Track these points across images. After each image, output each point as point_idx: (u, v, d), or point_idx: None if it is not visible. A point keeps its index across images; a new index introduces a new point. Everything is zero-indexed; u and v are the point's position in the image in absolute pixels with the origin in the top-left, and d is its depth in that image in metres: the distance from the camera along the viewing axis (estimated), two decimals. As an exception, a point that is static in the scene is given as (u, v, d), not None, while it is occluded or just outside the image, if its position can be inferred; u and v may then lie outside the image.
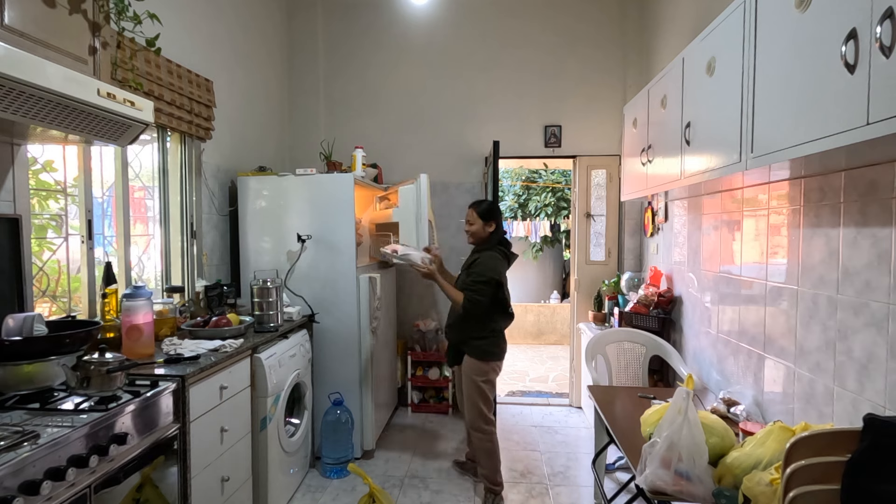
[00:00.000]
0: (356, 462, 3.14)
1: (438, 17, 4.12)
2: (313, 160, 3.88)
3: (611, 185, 4.08)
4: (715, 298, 2.57)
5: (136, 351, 1.95)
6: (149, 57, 2.33)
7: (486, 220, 2.66)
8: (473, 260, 2.67)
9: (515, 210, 8.26)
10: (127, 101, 1.62)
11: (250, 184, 3.15)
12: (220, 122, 3.06)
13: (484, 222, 2.66)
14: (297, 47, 4.15)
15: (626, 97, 3.92)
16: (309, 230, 3.10)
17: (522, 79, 4.08)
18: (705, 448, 1.50)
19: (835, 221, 1.67)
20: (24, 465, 1.16)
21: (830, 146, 1.24)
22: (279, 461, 2.55)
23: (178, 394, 1.77)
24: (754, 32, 1.64)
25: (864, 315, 1.52)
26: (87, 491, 1.33)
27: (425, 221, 3.14)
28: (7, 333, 1.56)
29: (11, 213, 1.76)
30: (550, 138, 4.08)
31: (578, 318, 4.16)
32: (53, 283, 2.08)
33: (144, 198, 2.66)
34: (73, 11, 1.60)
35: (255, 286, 2.64)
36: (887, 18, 1.05)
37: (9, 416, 1.38)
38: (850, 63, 1.16)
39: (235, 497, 2.21)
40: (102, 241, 2.33)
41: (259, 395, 2.39)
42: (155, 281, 2.69)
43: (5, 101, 1.30)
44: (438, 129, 4.16)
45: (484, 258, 2.61)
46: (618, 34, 4.01)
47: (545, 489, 2.86)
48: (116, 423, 1.47)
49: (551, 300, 7.84)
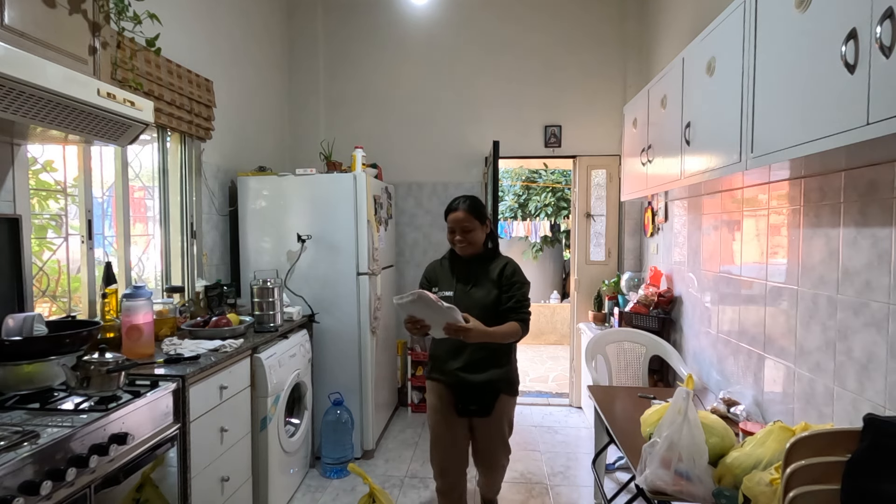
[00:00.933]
0: (356, 462, 3.14)
1: (438, 17, 4.12)
2: (313, 160, 3.88)
3: (611, 185, 4.08)
4: (715, 298, 2.57)
5: (136, 351, 1.95)
6: (149, 57, 2.33)
7: (483, 219, 2.16)
8: (501, 269, 2.13)
9: (515, 210, 8.26)
10: (127, 101, 1.62)
11: (250, 184, 3.15)
12: (220, 122, 3.06)
13: (481, 223, 2.16)
14: (298, 47, 4.15)
15: (626, 97, 3.92)
16: (309, 230, 3.10)
17: (522, 79, 4.08)
18: (705, 448, 1.50)
19: (835, 221, 1.67)
20: (24, 465, 1.16)
21: (830, 146, 1.24)
22: (279, 461, 2.55)
23: (178, 394, 1.77)
24: (754, 32, 1.64)
25: (864, 315, 1.52)
26: (87, 491, 1.33)
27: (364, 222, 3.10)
28: (7, 333, 1.56)
29: (11, 213, 1.76)
30: (550, 138, 4.08)
31: (578, 318, 4.16)
32: (53, 283, 2.08)
33: (144, 198, 2.66)
34: (73, 11, 1.60)
35: (255, 286, 2.64)
36: (887, 18, 1.05)
37: (9, 416, 1.38)
38: (850, 63, 1.16)
39: (235, 497, 2.21)
40: (102, 241, 2.33)
41: (259, 395, 2.39)
42: (155, 281, 2.69)
43: (5, 101, 1.30)
44: (438, 129, 4.16)
45: (515, 266, 2.17)
46: (618, 34, 4.01)
47: (545, 489, 2.86)
48: (116, 423, 1.47)
49: (551, 300, 7.84)
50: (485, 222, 2.17)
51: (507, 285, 2.10)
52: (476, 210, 2.14)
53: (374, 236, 3.19)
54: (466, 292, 2.11)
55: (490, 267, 2.15)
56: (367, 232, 3.10)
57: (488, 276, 2.13)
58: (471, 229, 2.12)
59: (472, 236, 2.13)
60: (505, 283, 2.11)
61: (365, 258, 3.10)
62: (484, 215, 2.17)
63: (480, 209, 2.16)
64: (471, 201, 2.15)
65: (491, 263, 2.16)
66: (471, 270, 2.16)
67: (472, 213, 2.12)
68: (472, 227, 2.12)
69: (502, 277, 2.11)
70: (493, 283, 2.11)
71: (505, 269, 2.13)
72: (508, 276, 2.12)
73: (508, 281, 2.11)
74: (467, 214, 2.11)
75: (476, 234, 2.14)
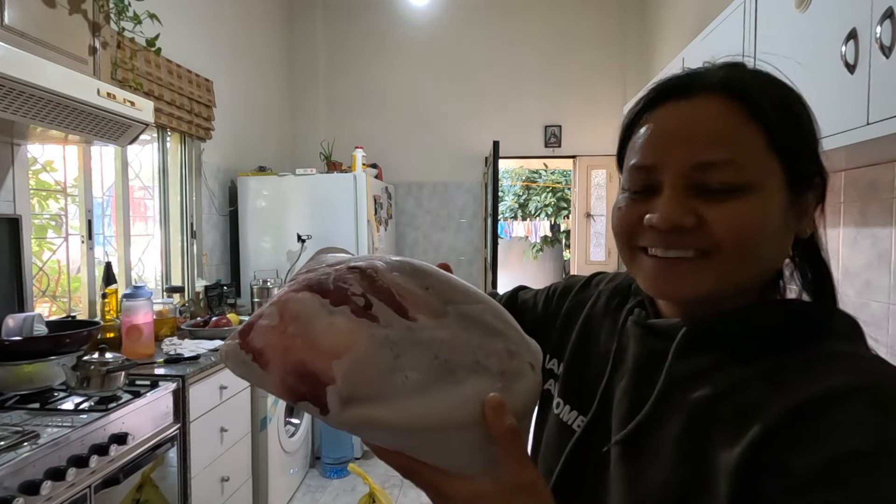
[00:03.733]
0: (356, 462, 3.14)
1: (438, 17, 4.12)
2: (313, 160, 3.88)
3: (611, 185, 4.08)
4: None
5: (136, 351, 1.95)
6: (149, 57, 2.33)
7: (794, 160, 0.44)
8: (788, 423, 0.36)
9: (515, 210, 8.26)
10: (127, 101, 1.62)
11: (250, 184, 3.16)
12: (220, 122, 3.06)
13: (787, 175, 0.44)
14: (298, 47, 4.14)
15: (626, 97, 3.92)
16: (309, 230, 3.10)
17: (522, 79, 4.08)
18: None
19: (835, 221, 1.67)
20: (25, 465, 1.16)
21: (830, 146, 1.24)
22: (279, 461, 2.55)
23: (178, 394, 1.77)
24: (754, 32, 1.64)
25: (864, 315, 1.52)
26: (87, 491, 1.33)
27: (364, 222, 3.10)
28: (7, 333, 1.56)
29: (11, 213, 1.76)
30: (550, 138, 4.08)
31: (578, 318, 4.16)
32: (53, 283, 2.08)
33: (144, 198, 2.66)
34: (73, 11, 1.60)
35: (255, 286, 2.65)
36: (887, 18, 1.05)
37: (9, 416, 1.38)
38: (850, 63, 1.16)
39: (235, 497, 2.21)
40: (102, 241, 2.33)
41: (259, 394, 2.38)
42: (155, 281, 2.69)
43: (5, 101, 1.30)
44: (438, 129, 4.16)
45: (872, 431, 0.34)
46: (618, 34, 4.01)
47: (545, 489, 2.86)
48: (116, 423, 1.46)
49: (551, 300, 7.84)
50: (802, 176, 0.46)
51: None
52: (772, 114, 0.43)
53: (374, 236, 3.19)
54: (629, 455, 0.46)
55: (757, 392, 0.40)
56: (367, 232, 3.10)
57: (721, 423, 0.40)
58: (736, 184, 0.42)
59: (739, 219, 0.42)
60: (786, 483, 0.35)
61: (365, 258, 3.10)
62: (805, 150, 0.47)
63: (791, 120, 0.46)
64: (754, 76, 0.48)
65: (768, 381, 0.40)
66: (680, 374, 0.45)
67: (756, 115, 0.43)
68: (738, 170, 0.42)
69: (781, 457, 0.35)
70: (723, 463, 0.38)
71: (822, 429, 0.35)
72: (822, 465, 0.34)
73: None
74: (733, 112, 0.44)
75: (754, 207, 0.42)
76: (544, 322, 0.64)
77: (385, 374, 0.35)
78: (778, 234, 0.44)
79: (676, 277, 0.44)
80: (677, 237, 0.43)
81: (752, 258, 0.43)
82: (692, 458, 0.40)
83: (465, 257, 4.18)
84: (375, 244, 3.22)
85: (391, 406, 0.35)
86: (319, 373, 0.35)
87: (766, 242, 0.43)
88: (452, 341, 0.37)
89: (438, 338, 0.37)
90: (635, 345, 0.50)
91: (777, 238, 0.44)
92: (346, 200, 3.08)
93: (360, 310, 0.37)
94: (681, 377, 0.44)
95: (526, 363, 0.40)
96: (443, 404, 0.35)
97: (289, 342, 0.36)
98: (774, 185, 0.43)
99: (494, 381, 0.37)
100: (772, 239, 0.43)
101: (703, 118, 0.44)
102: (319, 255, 0.46)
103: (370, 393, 0.35)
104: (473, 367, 0.37)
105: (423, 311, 0.38)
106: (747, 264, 0.43)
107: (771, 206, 0.42)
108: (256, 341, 0.36)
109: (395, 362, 0.35)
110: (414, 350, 0.36)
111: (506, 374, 0.38)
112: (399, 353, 0.36)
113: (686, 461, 0.40)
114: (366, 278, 0.38)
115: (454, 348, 0.37)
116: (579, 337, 0.58)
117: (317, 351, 0.35)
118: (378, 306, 0.37)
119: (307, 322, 0.36)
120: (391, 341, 0.36)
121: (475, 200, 4.15)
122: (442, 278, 0.41)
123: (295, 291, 0.38)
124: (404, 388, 0.35)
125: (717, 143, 0.42)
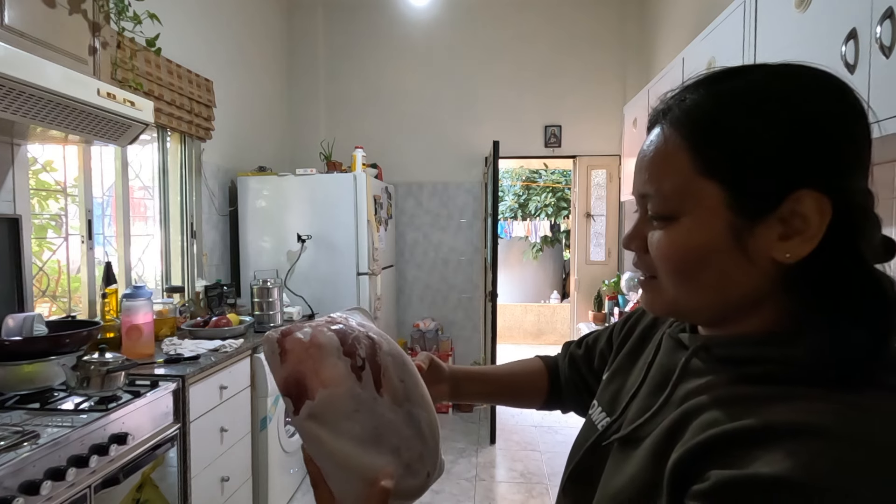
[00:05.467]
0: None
1: (438, 17, 4.12)
2: (313, 160, 3.88)
3: (611, 185, 4.08)
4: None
5: (136, 351, 1.95)
6: (149, 57, 2.33)
7: (740, 187, 0.42)
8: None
9: (515, 210, 8.26)
10: (127, 101, 1.62)
11: (250, 184, 3.16)
12: (220, 122, 3.06)
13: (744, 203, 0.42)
14: (298, 47, 4.15)
15: (626, 97, 3.92)
16: (309, 230, 3.11)
17: (522, 79, 4.08)
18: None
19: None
20: (25, 465, 1.16)
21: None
22: (279, 461, 2.55)
23: (178, 394, 1.77)
24: (754, 32, 1.64)
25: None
26: (87, 491, 1.33)
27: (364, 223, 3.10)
28: (7, 333, 1.56)
29: (11, 213, 1.76)
30: (550, 138, 4.08)
31: (578, 318, 4.16)
32: (53, 283, 2.08)
33: (144, 198, 2.66)
34: (73, 11, 1.60)
35: (255, 286, 2.64)
36: (887, 18, 1.05)
37: (9, 416, 1.38)
38: (850, 63, 1.16)
39: (235, 497, 2.21)
40: (102, 241, 2.33)
41: (259, 394, 2.38)
42: (155, 281, 2.69)
43: (5, 101, 1.30)
44: (438, 129, 4.16)
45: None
46: (618, 34, 4.01)
47: (545, 489, 2.86)
48: (116, 423, 1.47)
49: (551, 300, 7.84)
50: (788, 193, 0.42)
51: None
52: (714, 139, 0.43)
53: (374, 236, 3.19)
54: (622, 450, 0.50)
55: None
56: (367, 232, 3.10)
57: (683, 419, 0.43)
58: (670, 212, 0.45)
59: (673, 239, 0.45)
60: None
61: (365, 258, 3.10)
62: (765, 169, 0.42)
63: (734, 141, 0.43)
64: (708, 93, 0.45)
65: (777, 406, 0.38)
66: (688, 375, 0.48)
67: (694, 146, 0.43)
68: (675, 200, 0.44)
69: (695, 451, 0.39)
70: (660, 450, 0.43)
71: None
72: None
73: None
74: (674, 144, 0.45)
75: (690, 228, 0.44)
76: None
77: (343, 416, 0.49)
78: (719, 257, 0.42)
79: (644, 295, 0.50)
80: (637, 259, 0.49)
81: (689, 282, 0.44)
82: (659, 461, 0.42)
83: (464, 257, 4.18)
84: (375, 244, 3.22)
85: (333, 436, 0.48)
86: (309, 388, 0.49)
87: (698, 268, 0.43)
88: (393, 425, 0.51)
89: (387, 417, 0.50)
90: (663, 355, 0.53)
91: (719, 262, 0.42)
92: (346, 200, 3.08)
93: (356, 367, 0.50)
94: (687, 390, 0.46)
95: (426, 470, 0.52)
96: (361, 457, 0.48)
97: (305, 357, 0.50)
98: (708, 210, 0.42)
99: (398, 467, 0.50)
100: (707, 264, 0.43)
101: (647, 150, 0.47)
102: (356, 312, 0.60)
103: (327, 420, 0.48)
104: (394, 450, 0.50)
105: (390, 394, 0.51)
106: (686, 288, 0.45)
107: (697, 234, 0.43)
108: (288, 343, 0.51)
109: (353, 413, 0.49)
110: (368, 414, 0.50)
111: (409, 467, 0.51)
112: (359, 409, 0.49)
113: (652, 463, 0.43)
114: (371, 349, 0.52)
115: (391, 430, 0.50)
116: (632, 346, 0.63)
117: (316, 375, 0.49)
118: (367, 372, 0.51)
119: (323, 353, 0.50)
120: (359, 399, 0.49)
121: (475, 200, 4.15)
122: (416, 381, 0.55)
123: (328, 328, 0.52)
124: (347, 432, 0.48)
125: (649, 175, 0.46)
